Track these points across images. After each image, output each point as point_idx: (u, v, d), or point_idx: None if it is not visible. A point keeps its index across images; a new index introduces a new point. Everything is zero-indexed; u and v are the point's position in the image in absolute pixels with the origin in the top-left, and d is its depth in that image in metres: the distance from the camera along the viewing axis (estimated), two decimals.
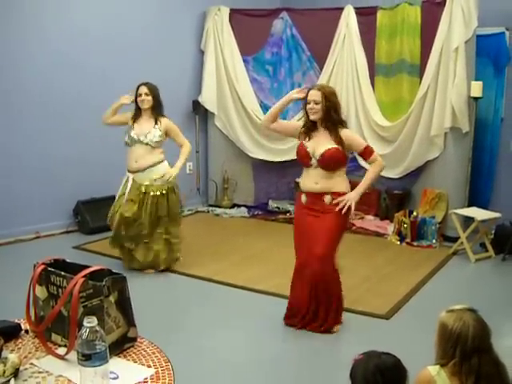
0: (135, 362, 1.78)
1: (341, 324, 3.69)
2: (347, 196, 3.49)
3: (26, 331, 1.95)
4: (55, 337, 1.87)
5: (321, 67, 6.49)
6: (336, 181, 3.50)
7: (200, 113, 6.98)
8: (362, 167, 6.42)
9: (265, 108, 6.50)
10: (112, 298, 1.80)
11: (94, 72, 5.80)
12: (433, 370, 1.90)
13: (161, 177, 4.54)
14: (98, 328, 1.56)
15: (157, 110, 4.59)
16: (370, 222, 6.26)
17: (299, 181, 3.71)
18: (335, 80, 6.34)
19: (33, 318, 1.92)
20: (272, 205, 6.89)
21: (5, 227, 5.34)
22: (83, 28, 5.67)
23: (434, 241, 5.61)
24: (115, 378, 1.64)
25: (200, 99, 6.84)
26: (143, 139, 4.50)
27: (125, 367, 1.73)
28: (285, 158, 6.55)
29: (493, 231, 5.39)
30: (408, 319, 3.87)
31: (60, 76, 5.57)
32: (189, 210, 6.85)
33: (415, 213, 5.76)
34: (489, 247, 5.25)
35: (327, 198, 3.48)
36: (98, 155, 5.88)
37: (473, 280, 4.86)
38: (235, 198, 7.13)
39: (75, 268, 1.87)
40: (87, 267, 1.86)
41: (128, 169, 4.62)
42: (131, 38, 6.08)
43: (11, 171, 5.38)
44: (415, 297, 4.27)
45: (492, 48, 5.82)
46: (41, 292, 1.90)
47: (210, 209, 7.02)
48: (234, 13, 6.78)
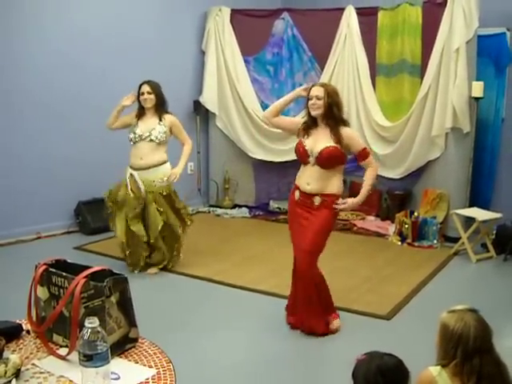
0: (136, 363, 1.78)
1: (338, 318, 3.68)
2: (349, 201, 3.50)
3: (28, 332, 1.95)
4: (56, 337, 1.87)
5: (322, 67, 6.49)
6: (329, 182, 3.47)
7: (201, 113, 6.98)
8: (363, 168, 6.42)
9: (265, 108, 6.42)
10: (113, 299, 1.80)
11: (95, 72, 5.80)
12: (434, 371, 1.90)
13: (163, 180, 4.54)
14: (100, 328, 1.57)
15: (160, 108, 4.57)
16: (371, 223, 6.26)
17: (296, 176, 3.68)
18: (336, 80, 6.34)
19: (34, 319, 1.92)
20: (273, 205, 6.89)
21: (6, 228, 5.34)
22: (84, 28, 5.67)
23: (435, 241, 5.60)
24: (116, 379, 1.64)
25: (201, 99, 6.84)
26: (148, 136, 4.49)
27: (126, 368, 1.74)
28: (286, 159, 6.54)
29: (494, 231, 5.39)
30: (409, 320, 3.87)
31: (61, 76, 5.58)
32: (190, 211, 6.84)
33: (416, 213, 5.75)
34: (490, 247, 5.25)
35: (317, 200, 3.47)
36: (99, 155, 5.88)
37: (474, 280, 4.86)
38: (236, 199, 7.13)
39: (76, 268, 1.87)
40: (88, 268, 1.86)
41: (131, 166, 4.57)
42: (132, 38, 6.08)
43: (12, 171, 5.39)
44: (416, 297, 4.27)
45: (493, 48, 5.81)
46: (42, 293, 1.91)
47: (211, 209, 7.02)
48: (235, 13, 6.78)
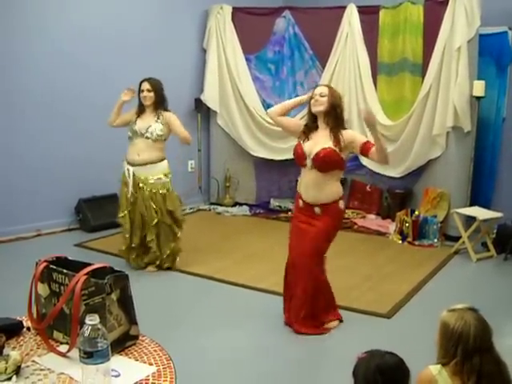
0: (137, 360, 1.78)
1: (338, 320, 3.70)
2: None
3: (28, 328, 1.95)
4: (57, 334, 1.87)
5: (323, 66, 6.49)
6: (327, 189, 3.43)
7: (202, 111, 6.98)
8: (364, 166, 6.44)
9: (267, 106, 6.47)
10: (114, 296, 1.80)
11: (96, 71, 5.80)
12: (434, 370, 1.90)
13: (158, 177, 4.54)
14: (100, 326, 1.56)
15: (159, 106, 4.56)
16: (372, 221, 6.26)
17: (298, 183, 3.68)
18: (337, 79, 6.34)
19: (35, 316, 1.92)
20: (274, 203, 6.89)
21: (6, 225, 5.34)
22: (85, 27, 5.66)
23: (436, 240, 5.60)
24: (117, 376, 1.64)
25: (202, 97, 6.84)
26: (144, 133, 4.50)
27: (126, 365, 1.74)
28: (286, 157, 6.52)
29: (494, 231, 5.39)
30: (409, 318, 3.87)
31: (62, 76, 5.57)
32: (190, 209, 6.86)
33: (417, 212, 5.75)
34: (490, 247, 5.25)
35: (317, 210, 3.47)
36: (100, 153, 5.88)
37: (474, 279, 4.86)
38: (237, 197, 7.13)
39: (77, 266, 1.87)
40: (89, 265, 1.86)
41: (128, 161, 4.58)
42: (133, 37, 6.08)
43: (13, 169, 5.39)
44: (416, 296, 4.27)
45: (495, 47, 5.80)
46: (43, 289, 1.91)
47: (212, 207, 7.02)
48: (237, 11, 6.78)
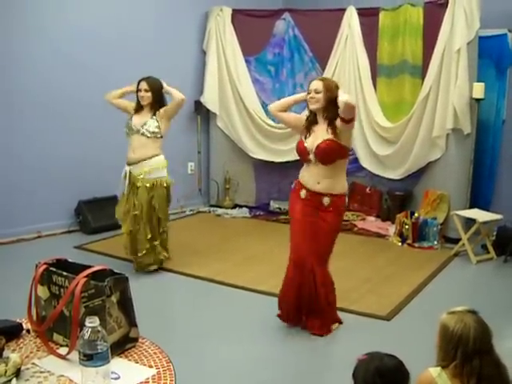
0: (137, 363, 1.78)
1: (340, 323, 3.71)
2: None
3: (28, 331, 1.95)
4: (57, 337, 1.87)
5: (323, 68, 6.49)
6: (336, 181, 3.45)
7: (202, 113, 6.98)
8: (364, 168, 6.45)
9: (266, 109, 6.49)
10: (114, 298, 1.80)
11: (96, 72, 5.79)
12: (434, 372, 1.90)
13: (152, 168, 4.53)
14: (100, 328, 1.57)
15: (157, 106, 4.57)
16: (372, 223, 6.26)
17: (299, 175, 3.62)
18: (337, 81, 6.31)
19: (34, 318, 1.92)
20: (273, 205, 6.89)
21: (6, 227, 5.34)
22: (84, 28, 5.67)
23: (436, 242, 5.60)
24: (117, 378, 1.64)
25: (202, 99, 6.84)
26: (140, 129, 4.52)
27: (126, 367, 1.74)
28: (286, 159, 6.55)
29: (494, 233, 5.39)
30: (409, 320, 3.87)
31: (61, 77, 5.57)
32: (190, 211, 6.87)
33: (417, 214, 5.75)
34: (490, 249, 5.25)
35: (326, 200, 3.44)
36: (100, 155, 5.88)
37: (474, 282, 4.86)
38: (237, 199, 7.13)
39: (77, 268, 1.88)
40: (89, 267, 1.86)
41: (127, 160, 4.60)
42: (133, 38, 6.08)
43: (13, 171, 5.39)
44: (416, 298, 4.27)
45: (494, 49, 5.80)
46: (43, 292, 1.91)
47: (212, 209, 7.02)
48: (237, 13, 6.78)
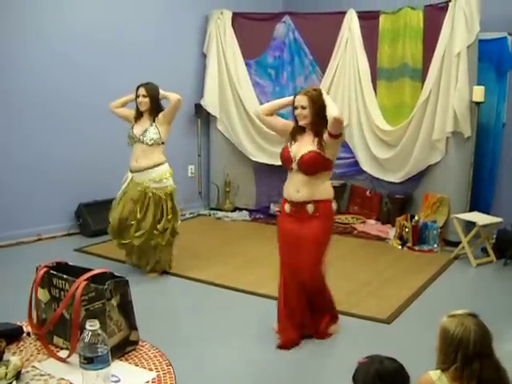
0: (137, 366, 1.78)
1: (336, 323, 3.67)
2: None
3: (28, 334, 1.95)
4: (57, 339, 1.87)
5: (323, 71, 6.50)
6: (319, 188, 3.37)
7: (202, 116, 6.99)
8: (364, 172, 6.45)
9: None
10: (114, 302, 1.80)
11: (96, 74, 5.81)
12: (434, 375, 1.90)
13: (159, 180, 4.54)
14: (100, 331, 1.57)
15: (155, 112, 4.57)
16: (372, 227, 6.26)
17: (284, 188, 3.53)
18: (337, 84, 6.37)
19: (35, 321, 1.92)
20: (273, 208, 6.88)
21: (7, 229, 5.34)
22: (84, 30, 5.68)
23: (436, 245, 5.60)
24: (117, 382, 1.64)
25: (202, 103, 6.85)
26: (141, 138, 4.52)
27: (126, 370, 1.74)
28: None
29: (494, 236, 5.38)
30: (409, 324, 3.86)
31: (61, 78, 5.58)
32: (190, 214, 6.87)
33: (417, 217, 5.75)
34: (490, 252, 5.25)
35: (309, 208, 3.36)
36: (100, 158, 5.89)
37: (474, 285, 4.86)
38: (237, 202, 7.13)
39: (77, 271, 1.88)
40: (89, 270, 1.86)
41: (130, 168, 4.62)
42: (133, 41, 6.09)
43: (13, 173, 5.39)
44: (416, 301, 4.27)
45: (494, 53, 5.81)
46: (43, 295, 1.91)
47: (212, 212, 7.02)
48: (237, 16, 6.80)
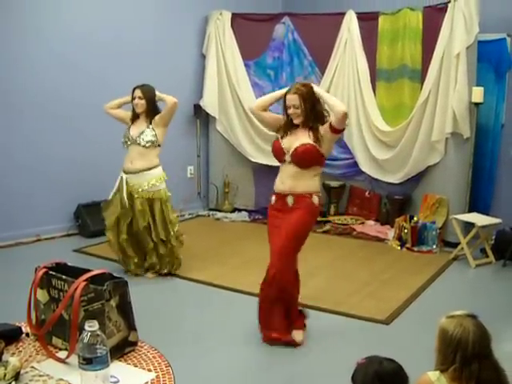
0: (136, 366, 1.78)
1: (304, 330, 3.60)
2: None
3: (27, 334, 1.95)
4: (56, 340, 1.87)
5: (322, 72, 6.50)
6: (303, 182, 3.39)
7: (201, 117, 6.99)
8: (363, 172, 6.45)
9: None
10: (113, 302, 1.80)
11: (95, 75, 5.81)
12: (433, 376, 1.90)
13: (152, 184, 4.53)
14: (99, 332, 1.57)
15: (151, 113, 4.56)
16: (371, 227, 6.26)
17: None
18: (336, 85, 6.37)
19: (34, 322, 1.92)
20: None
21: (5, 230, 5.34)
22: (84, 31, 5.68)
23: (435, 246, 5.61)
24: (116, 382, 1.64)
25: (201, 103, 6.85)
26: (137, 140, 4.52)
27: (125, 371, 1.74)
28: None
29: (493, 237, 5.39)
30: (408, 324, 3.86)
31: (60, 77, 5.58)
32: (189, 214, 6.87)
33: (416, 218, 5.75)
34: (489, 253, 5.25)
35: (289, 200, 3.39)
36: (99, 158, 5.89)
37: (473, 285, 4.86)
38: (236, 203, 7.13)
39: (76, 272, 1.88)
40: (89, 271, 1.86)
41: (123, 169, 4.60)
42: (132, 42, 6.10)
43: (12, 174, 5.39)
44: (415, 302, 4.27)
45: (493, 54, 5.82)
46: (42, 295, 1.91)
47: (211, 213, 7.03)
48: (236, 17, 6.80)
